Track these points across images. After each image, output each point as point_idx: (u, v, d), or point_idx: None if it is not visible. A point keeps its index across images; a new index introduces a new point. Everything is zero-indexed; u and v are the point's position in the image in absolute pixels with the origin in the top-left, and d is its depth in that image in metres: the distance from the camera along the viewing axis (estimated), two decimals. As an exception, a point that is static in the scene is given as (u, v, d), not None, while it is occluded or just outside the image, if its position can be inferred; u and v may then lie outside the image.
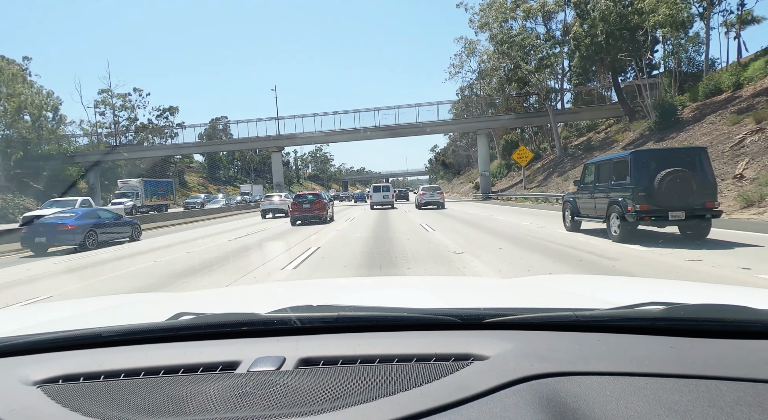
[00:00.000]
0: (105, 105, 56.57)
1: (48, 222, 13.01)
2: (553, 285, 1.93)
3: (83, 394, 0.82)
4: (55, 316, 1.52)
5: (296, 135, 42.31)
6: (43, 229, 12.59)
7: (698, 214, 8.12)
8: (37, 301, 6.11)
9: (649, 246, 7.99)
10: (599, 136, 34.70)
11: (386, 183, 33.96)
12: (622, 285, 1.97)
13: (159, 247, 12.53)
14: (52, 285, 7.55)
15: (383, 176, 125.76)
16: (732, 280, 5.25)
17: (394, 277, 5.57)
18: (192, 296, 2.04)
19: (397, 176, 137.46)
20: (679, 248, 7.61)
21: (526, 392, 0.74)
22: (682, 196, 7.94)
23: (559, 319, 1.00)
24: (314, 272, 7.17)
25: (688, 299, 1.20)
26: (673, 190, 7.95)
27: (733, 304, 1.03)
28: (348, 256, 8.64)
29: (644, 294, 1.35)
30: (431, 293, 1.85)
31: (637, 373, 0.78)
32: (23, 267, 10.06)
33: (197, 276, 7.42)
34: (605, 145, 30.72)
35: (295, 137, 42.53)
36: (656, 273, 5.93)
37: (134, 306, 1.73)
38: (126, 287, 6.84)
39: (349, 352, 0.90)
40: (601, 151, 28.47)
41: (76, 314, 1.58)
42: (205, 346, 0.97)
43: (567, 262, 6.90)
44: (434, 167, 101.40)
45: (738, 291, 1.71)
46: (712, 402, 0.69)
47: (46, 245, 12.49)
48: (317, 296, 1.62)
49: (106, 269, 8.90)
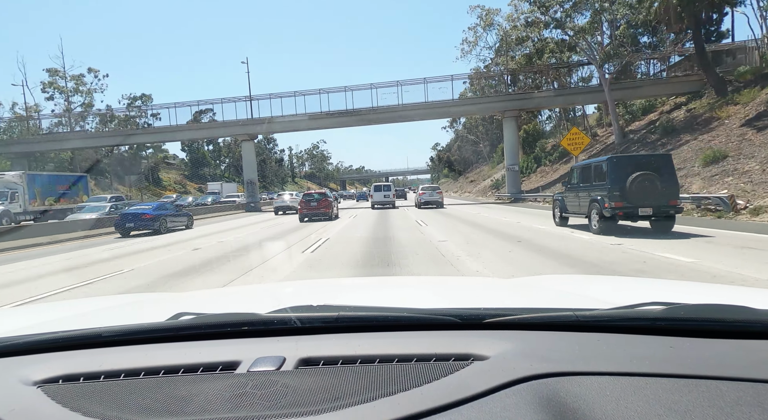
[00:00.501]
0: (54, 88, 47.15)
1: (135, 212, 16.96)
2: (553, 285, 1.94)
3: (83, 394, 0.83)
4: (55, 315, 1.52)
5: (273, 119, 33.63)
6: (131, 217, 16.58)
7: (663, 211, 9.63)
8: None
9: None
10: (676, 115, 25.56)
11: (387, 182, 31.00)
12: (622, 285, 1.97)
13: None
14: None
15: (383, 175, 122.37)
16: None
17: (394, 277, 5.55)
18: (192, 296, 2.05)
19: (397, 175, 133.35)
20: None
21: (526, 392, 0.74)
22: (650, 196, 9.44)
23: (559, 319, 1.00)
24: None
25: (688, 299, 1.20)
26: (642, 191, 9.42)
27: (733, 304, 1.03)
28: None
29: (644, 294, 1.34)
30: (431, 293, 1.87)
31: (637, 373, 0.78)
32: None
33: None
34: (697, 124, 22.11)
35: (271, 122, 33.85)
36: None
37: (134, 306, 1.73)
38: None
39: (349, 352, 0.90)
40: (690, 134, 21.67)
41: (76, 314, 1.57)
42: (205, 346, 0.98)
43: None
44: (436, 166, 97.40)
45: (738, 291, 1.72)
46: (712, 402, 0.69)
47: (132, 229, 16.53)
48: (317, 296, 1.62)
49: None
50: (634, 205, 9.45)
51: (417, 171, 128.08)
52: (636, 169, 9.51)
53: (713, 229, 10.23)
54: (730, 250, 7.53)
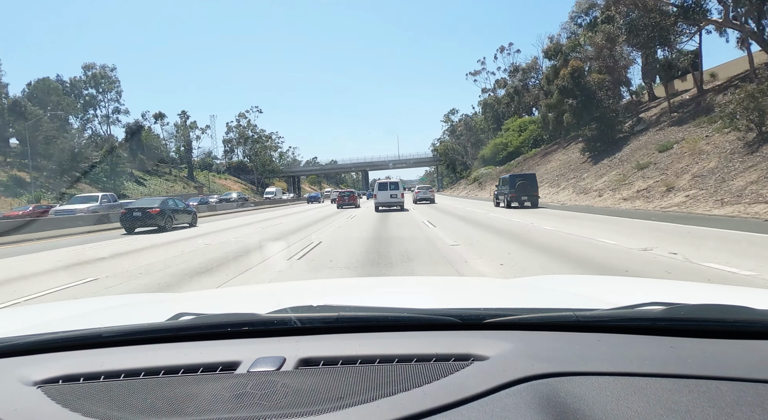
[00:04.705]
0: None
1: (142, 207, 17.20)
2: (553, 285, 1.95)
3: (83, 395, 0.82)
4: (55, 315, 1.52)
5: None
6: (138, 212, 16.77)
7: (531, 198, 20.96)
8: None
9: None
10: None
11: (393, 180, 26.18)
12: (622, 285, 1.97)
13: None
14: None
15: (359, 167, 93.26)
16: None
17: (394, 277, 5.63)
18: (192, 296, 2.08)
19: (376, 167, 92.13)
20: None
21: (526, 392, 0.74)
22: (526, 191, 20.80)
23: (559, 319, 1.00)
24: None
25: (688, 299, 1.20)
26: (522, 189, 20.76)
27: (733, 304, 1.03)
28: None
29: (644, 294, 1.34)
30: (431, 293, 1.87)
31: (637, 374, 0.78)
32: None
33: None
34: None
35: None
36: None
37: (134, 306, 1.73)
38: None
39: (349, 353, 0.90)
40: None
41: (76, 314, 1.57)
42: (206, 347, 0.98)
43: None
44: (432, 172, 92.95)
45: (738, 291, 1.72)
46: (713, 402, 0.69)
47: (138, 225, 16.81)
48: (317, 296, 1.62)
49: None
50: (519, 196, 20.84)
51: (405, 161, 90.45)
52: (520, 179, 21.39)
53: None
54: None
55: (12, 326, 1.35)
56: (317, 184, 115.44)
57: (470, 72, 76.21)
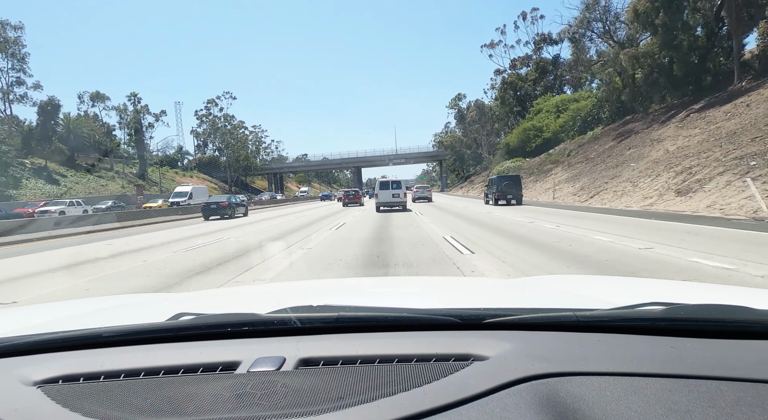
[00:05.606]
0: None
1: (216, 201, 25.17)
2: (553, 285, 1.95)
3: (83, 395, 0.83)
4: (55, 315, 1.53)
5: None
6: (214, 205, 24.45)
7: (515, 197, 23.61)
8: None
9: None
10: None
11: (395, 179, 25.09)
12: (622, 285, 1.97)
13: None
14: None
15: (351, 163, 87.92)
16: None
17: (394, 277, 5.72)
18: (192, 296, 2.08)
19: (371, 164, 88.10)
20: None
21: (526, 392, 0.74)
22: (511, 190, 23.62)
23: (559, 319, 1.00)
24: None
25: (688, 299, 1.20)
26: (507, 189, 23.61)
27: (733, 304, 1.03)
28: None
29: (644, 294, 1.34)
30: (431, 293, 1.87)
31: (637, 374, 0.78)
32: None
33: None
34: None
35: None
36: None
37: (134, 306, 1.74)
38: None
39: (349, 353, 0.90)
40: None
41: (76, 314, 1.58)
42: (205, 347, 0.98)
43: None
44: (431, 171, 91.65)
45: (738, 291, 1.72)
46: (713, 402, 0.70)
47: (213, 214, 24.35)
48: (317, 296, 1.63)
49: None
50: (505, 194, 23.51)
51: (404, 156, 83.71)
52: (505, 180, 24.50)
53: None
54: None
55: (12, 326, 1.35)
56: (306, 183, 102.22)
57: (485, 44, 65.33)
